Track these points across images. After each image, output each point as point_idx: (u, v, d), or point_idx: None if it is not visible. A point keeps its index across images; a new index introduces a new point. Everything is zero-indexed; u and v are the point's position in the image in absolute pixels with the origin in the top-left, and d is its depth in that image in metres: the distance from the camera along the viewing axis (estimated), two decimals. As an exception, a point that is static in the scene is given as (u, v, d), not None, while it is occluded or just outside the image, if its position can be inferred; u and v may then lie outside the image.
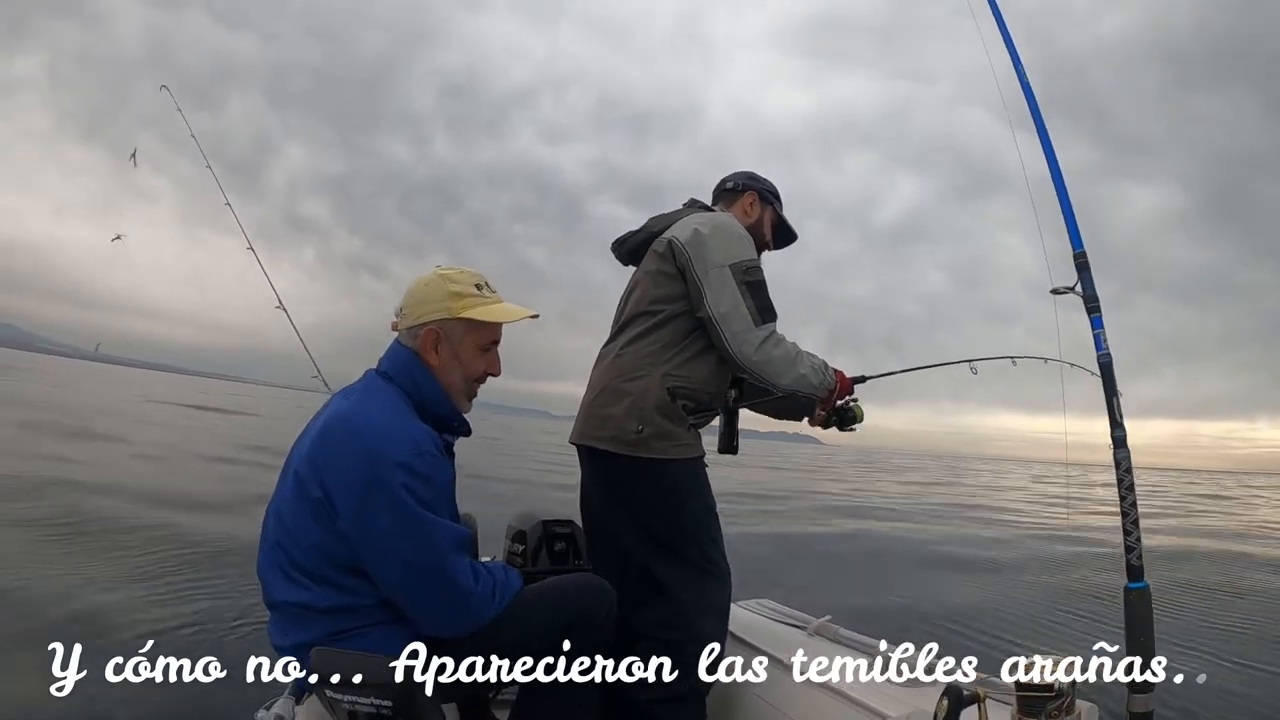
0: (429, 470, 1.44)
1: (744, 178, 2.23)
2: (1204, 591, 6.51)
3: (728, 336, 1.90)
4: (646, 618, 1.90)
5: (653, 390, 1.92)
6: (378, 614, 1.46)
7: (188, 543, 5.33)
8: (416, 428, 1.48)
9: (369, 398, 1.54)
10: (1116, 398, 1.69)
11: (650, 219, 2.19)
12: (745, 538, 7.52)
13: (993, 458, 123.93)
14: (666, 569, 1.92)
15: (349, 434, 1.45)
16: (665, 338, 1.98)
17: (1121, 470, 1.65)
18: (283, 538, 1.48)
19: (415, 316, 1.58)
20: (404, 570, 1.43)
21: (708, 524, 1.99)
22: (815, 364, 2.02)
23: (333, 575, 1.44)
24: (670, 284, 1.99)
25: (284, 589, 1.47)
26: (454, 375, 1.60)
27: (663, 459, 1.91)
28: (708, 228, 1.99)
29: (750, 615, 2.38)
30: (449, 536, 1.46)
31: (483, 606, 1.51)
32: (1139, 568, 1.63)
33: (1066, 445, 1.95)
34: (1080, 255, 1.81)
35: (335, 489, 1.41)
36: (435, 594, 1.46)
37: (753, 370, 1.94)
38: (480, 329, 1.60)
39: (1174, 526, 13.12)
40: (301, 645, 1.41)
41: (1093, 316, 1.76)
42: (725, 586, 1.99)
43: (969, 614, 5.29)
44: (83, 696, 2.34)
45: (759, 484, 17.00)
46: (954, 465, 61.44)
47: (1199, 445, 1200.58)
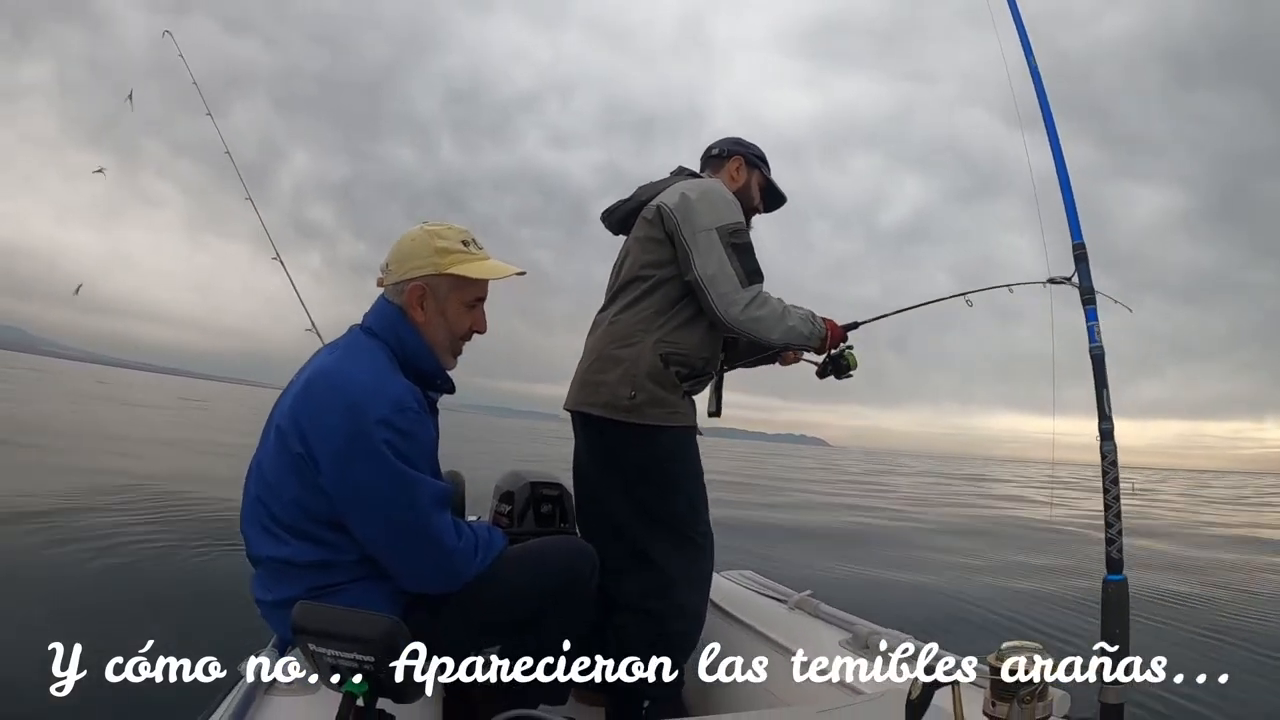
0: (411, 426, 1.44)
1: (730, 143, 2.23)
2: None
3: (714, 298, 1.92)
4: (629, 586, 1.93)
5: (645, 357, 1.94)
6: (359, 569, 1.47)
7: (189, 542, 5.34)
8: (399, 383, 1.47)
9: (352, 353, 1.53)
10: (1106, 390, 1.70)
11: (639, 188, 2.19)
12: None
13: (1004, 459, 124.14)
14: (652, 537, 1.95)
15: (331, 389, 1.44)
16: (657, 304, 1.99)
17: (1106, 462, 1.66)
18: (263, 492, 1.48)
19: (401, 272, 1.57)
20: (385, 526, 1.43)
21: (694, 493, 2.02)
22: (802, 314, 2.04)
23: (312, 530, 1.44)
24: (659, 249, 2.01)
25: (265, 544, 1.47)
26: (439, 332, 1.59)
27: (655, 425, 1.93)
28: (695, 193, 2.00)
29: (732, 585, 2.41)
30: (430, 492, 1.46)
31: (464, 563, 1.51)
32: (1119, 560, 1.64)
33: (1054, 440, 1.96)
34: (1079, 247, 1.82)
35: (317, 444, 1.41)
36: (417, 550, 1.46)
37: (741, 329, 1.96)
38: (467, 285, 1.59)
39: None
40: (283, 601, 1.42)
41: (1088, 308, 1.77)
42: (708, 556, 2.03)
43: (947, 599, 5.35)
44: (83, 696, 2.36)
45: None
46: (954, 465, 61.50)
47: (1206, 445, 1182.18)
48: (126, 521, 5.44)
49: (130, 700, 2.58)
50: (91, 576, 4.16)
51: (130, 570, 4.37)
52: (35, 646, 2.59)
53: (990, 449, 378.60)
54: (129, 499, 6.26)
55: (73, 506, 5.74)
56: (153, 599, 3.86)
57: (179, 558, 4.69)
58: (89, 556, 4.49)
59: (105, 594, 3.89)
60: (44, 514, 5.43)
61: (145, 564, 4.52)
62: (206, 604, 3.65)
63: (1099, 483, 1.68)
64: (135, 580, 4.19)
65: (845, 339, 2.16)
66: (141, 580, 4.21)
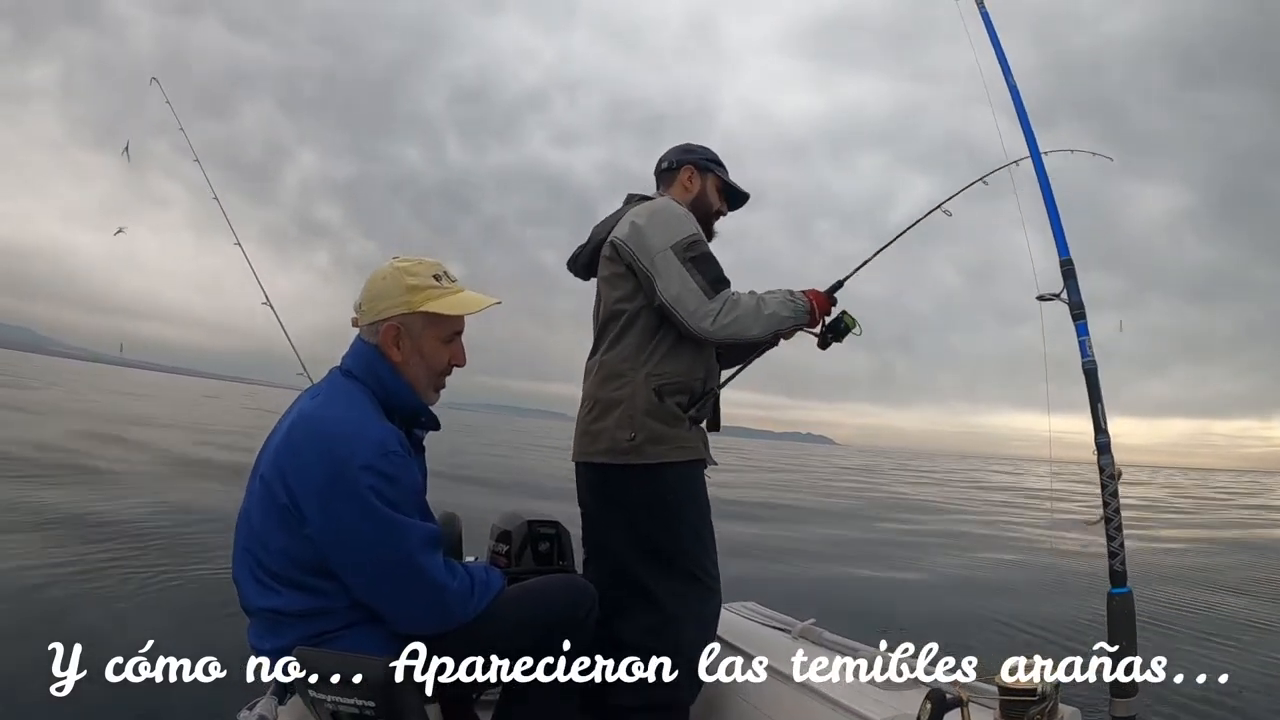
0: (395, 470, 1.42)
1: (677, 153, 2.22)
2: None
3: (684, 317, 1.90)
4: (634, 627, 1.89)
5: (639, 394, 1.92)
6: (352, 615, 1.44)
7: (191, 542, 5.31)
8: (381, 428, 1.46)
9: (333, 398, 1.52)
10: (1100, 404, 1.70)
11: (595, 228, 2.20)
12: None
13: (1013, 458, 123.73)
14: (658, 579, 1.91)
15: (312, 436, 1.43)
16: (638, 338, 1.98)
17: (1105, 476, 1.66)
18: (251, 543, 1.46)
19: (374, 312, 1.55)
20: (373, 571, 1.41)
21: (701, 532, 1.98)
22: (779, 298, 2.01)
23: (303, 579, 1.42)
24: (624, 283, 2.00)
25: (257, 595, 1.45)
26: (418, 370, 1.57)
27: (657, 464, 1.90)
28: (643, 218, 1.99)
29: (734, 618, 2.38)
30: (418, 534, 1.44)
31: (459, 603, 1.49)
32: (1122, 573, 1.64)
33: (1050, 439, 1.96)
34: (1066, 263, 1.82)
35: (300, 494, 1.39)
36: (406, 591, 1.44)
37: (722, 339, 1.94)
38: (441, 321, 1.57)
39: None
40: (278, 650, 1.40)
41: (1078, 324, 1.77)
42: (715, 597, 1.98)
43: (952, 616, 5.30)
44: (83, 696, 2.33)
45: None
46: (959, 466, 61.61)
47: (1213, 445, 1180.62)
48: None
49: (130, 700, 2.54)
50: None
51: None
52: (35, 647, 2.57)
53: (1001, 448, 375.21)
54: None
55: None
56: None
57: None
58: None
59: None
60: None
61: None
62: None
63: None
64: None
65: (834, 302, 2.12)
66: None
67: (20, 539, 4.96)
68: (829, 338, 2.13)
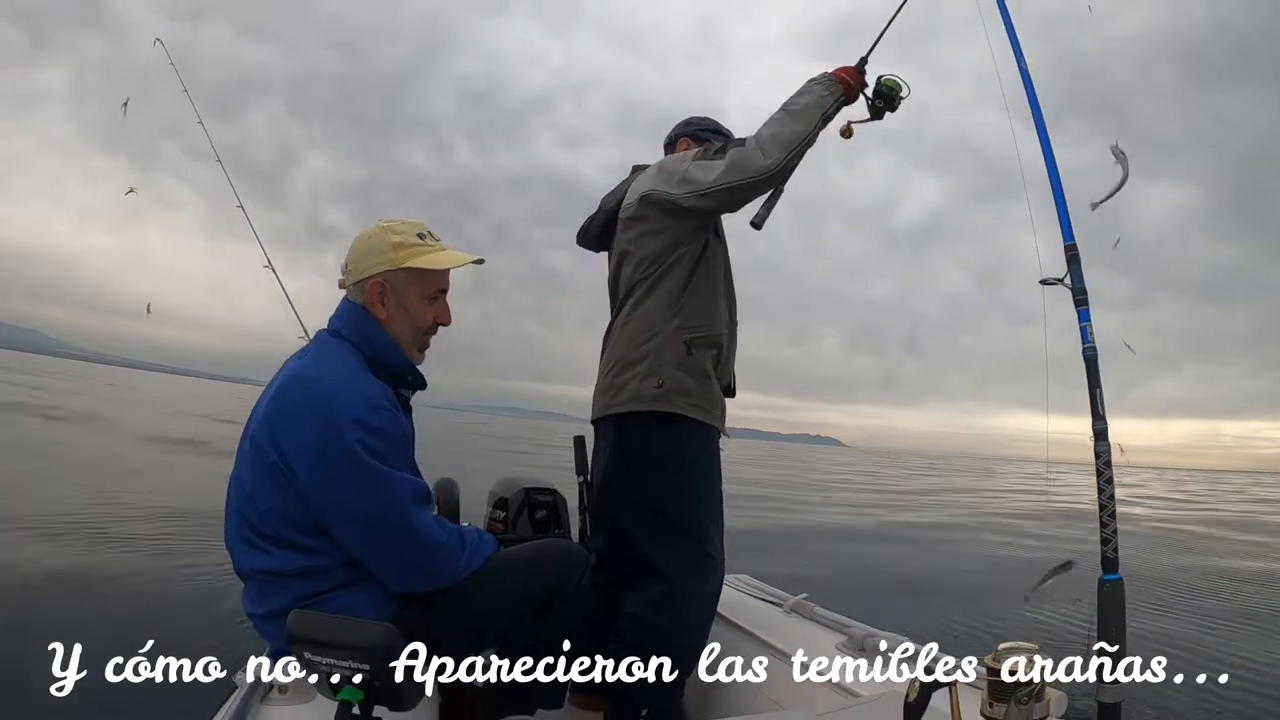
0: (383, 424, 1.44)
1: (679, 127, 2.24)
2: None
3: (740, 180, 1.85)
4: (637, 598, 1.88)
5: (669, 346, 1.91)
6: (346, 574, 1.46)
7: (192, 541, 5.32)
8: (369, 383, 1.48)
9: (322, 357, 1.54)
10: (1099, 390, 1.70)
11: (604, 198, 2.19)
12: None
13: (1017, 459, 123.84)
14: (663, 549, 1.89)
15: (302, 394, 1.45)
16: (669, 291, 1.95)
17: (1101, 463, 1.67)
18: (244, 505, 1.47)
19: (360, 270, 1.58)
20: (364, 526, 1.43)
21: (711, 504, 1.96)
22: (801, 90, 1.91)
23: (295, 538, 1.43)
24: (657, 238, 1.98)
25: (250, 557, 1.47)
26: (403, 326, 1.59)
27: (680, 415, 1.89)
28: (654, 167, 2.04)
29: (727, 590, 2.41)
30: (407, 489, 1.46)
31: (449, 559, 1.51)
32: (1114, 560, 1.64)
33: (1048, 437, 1.96)
34: (1071, 248, 1.82)
35: (291, 451, 1.41)
36: (398, 547, 1.45)
37: (787, 160, 1.85)
38: (425, 278, 1.60)
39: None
40: (273, 612, 1.42)
41: (1080, 309, 1.77)
42: (718, 573, 1.97)
43: (944, 599, 5.35)
44: (83, 696, 2.35)
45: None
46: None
47: (1222, 445, 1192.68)
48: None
49: (130, 700, 2.57)
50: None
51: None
52: (35, 646, 2.58)
53: (1013, 448, 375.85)
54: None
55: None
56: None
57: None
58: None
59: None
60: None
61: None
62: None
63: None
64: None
65: (863, 73, 1.97)
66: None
67: (19, 539, 4.98)
68: (878, 104, 1.97)
